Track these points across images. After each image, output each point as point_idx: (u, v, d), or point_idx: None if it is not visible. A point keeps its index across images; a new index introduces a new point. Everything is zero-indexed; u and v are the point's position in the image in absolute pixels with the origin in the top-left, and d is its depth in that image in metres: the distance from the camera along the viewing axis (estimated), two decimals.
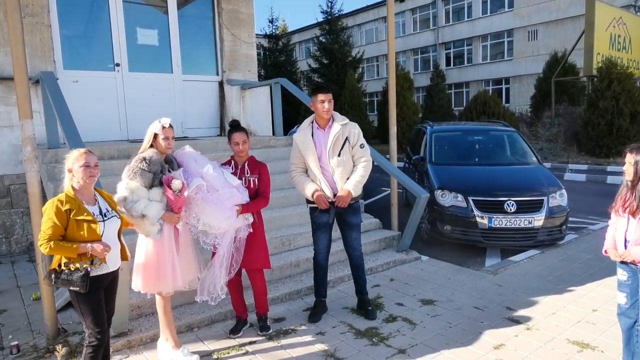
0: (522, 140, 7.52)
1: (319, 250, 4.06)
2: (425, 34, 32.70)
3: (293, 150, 4.00)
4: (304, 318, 4.07)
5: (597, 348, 3.46)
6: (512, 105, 25.16)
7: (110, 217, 2.81)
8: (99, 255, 2.64)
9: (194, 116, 7.72)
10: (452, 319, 4.00)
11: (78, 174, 2.70)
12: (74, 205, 2.63)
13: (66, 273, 2.60)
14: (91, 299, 2.70)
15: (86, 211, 2.67)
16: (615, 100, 13.91)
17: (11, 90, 5.80)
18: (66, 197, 2.66)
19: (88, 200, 2.75)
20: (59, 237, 2.59)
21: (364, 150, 3.94)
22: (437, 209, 6.08)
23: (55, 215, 2.58)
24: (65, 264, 2.61)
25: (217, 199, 3.32)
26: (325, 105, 3.84)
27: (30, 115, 3.64)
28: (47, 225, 2.58)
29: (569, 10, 24.79)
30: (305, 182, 3.91)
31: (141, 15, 7.19)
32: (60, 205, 2.61)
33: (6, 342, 3.69)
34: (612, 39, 16.42)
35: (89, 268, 2.62)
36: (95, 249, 2.62)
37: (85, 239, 2.63)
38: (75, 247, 2.59)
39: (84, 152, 2.77)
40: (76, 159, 2.73)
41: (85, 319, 2.73)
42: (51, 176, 5.08)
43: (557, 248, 5.99)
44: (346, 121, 3.95)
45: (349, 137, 3.88)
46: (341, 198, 3.81)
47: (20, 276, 5.33)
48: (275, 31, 27.71)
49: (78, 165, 2.70)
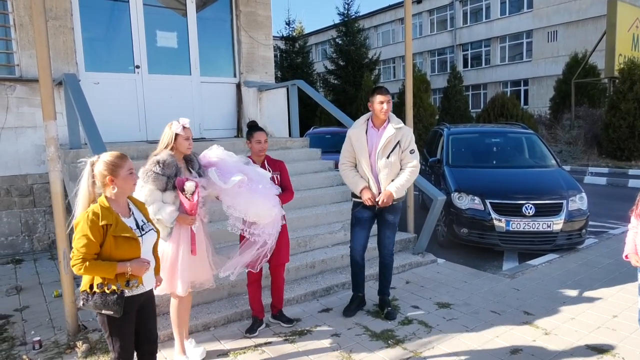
0: (541, 142, 7.42)
1: (355, 248, 4.15)
2: (442, 35, 32.48)
3: (345, 145, 4.09)
4: (320, 319, 4.08)
5: (617, 355, 3.40)
6: (531, 107, 24.80)
7: (147, 230, 2.53)
8: (140, 275, 2.37)
9: (211, 118, 7.80)
10: (469, 322, 3.97)
11: (125, 182, 2.39)
12: (112, 220, 2.31)
13: (100, 295, 2.29)
14: (122, 322, 2.40)
15: (126, 226, 2.36)
16: (637, 102, 13.65)
17: (35, 92, 5.96)
18: (102, 210, 2.30)
19: (123, 212, 2.44)
20: (93, 256, 2.28)
21: (414, 156, 3.99)
22: (453, 211, 6.04)
23: (91, 231, 2.25)
24: (99, 285, 2.30)
25: (263, 189, 3.43)
26: (384, 107, 3.90)
27: (54, 116, 3.72)
28: (81, 242, 2.25)
29: (590, 11, 24.37)
30: (354, 177, 4.02)
31: (161, 18, 7.29)
32: (96, 219, 2.27)
33: (29, 338, 3.78)
34: (635, 39, 16.11)
35: (125, 290, 2.33)
36: (135, 268, 2.33)
37: (124, 257, 2.34)
38: (114, 267, 2.28)
39: (121, 155, 2.43)
40: (117, 165, 2.38)
41: (113, 344, 2.44)
42: (73, 176, 5.19)
43: (576, 252, 5.89)
44: (401, 125, 4.00)
45: (401, 140, 3.95)
46: (383, 198, 3.88)
47: (42, 273, 5.45)
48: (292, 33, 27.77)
49: (124, 172, 2.38)
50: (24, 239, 6.31)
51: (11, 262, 5.87)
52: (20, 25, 6.10)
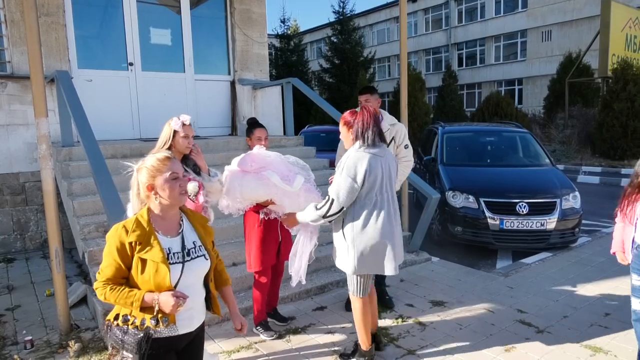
0: (535, 141, 7.45)
1: None
2: (437, 34, 32.55)
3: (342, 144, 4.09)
4: (314, 317, 4.08)
5: (610, 352, 3.41)
6: (525, 106, 24.91)
7: (195, 256, 1.99)
8: (168, 312, 1.84)
9: (205, 115, 7.77)
10: (463, 320, 3.98)
11: (165, 190, 1.92)
12: (142, 237, 1.87)
13: (119, 329, 1.89)
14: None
15: (156, 248, 1.88)
16: (630, 101, 13.73)
17: (27, 89, 5.90)
18: (135, 224, 1.89)
19: (168, 229, 1.97)
20: (120, 280, 1.89)
21: (408, 151, 4.18)
22: (448, 210, 6.05)
23: (117, 251, 1.85)
24: (124, 317, 1.89)
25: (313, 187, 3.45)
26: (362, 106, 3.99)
27: (46, 113, 3.68)
28: (106, 262, 1.88)
29: (584, 11, 24.49)
30: None
31: (154, 15, 7.24)
32: (124, 235, 1.86)
33: (20, 337, 3.74)
34: (628, 39, 16.20)
35: (152, 330, 1.86)
36: (162, 302, 1.83)
37: (152, 287, 1.86)
38: (138, 298, 1.83)
39: (163, 158, 1.96)
40: (157, 170, 1.93)
41: None
42: (65, 174, 5.16)
43: (569, 251, 5.92)
44: (395, 122, 4.19)
45: (396, 136, 4.11)
46: None
47: (34, 272, 5.40)
48: (286, 31, 27.73)
49: (163, 178, 1.92)
50: (15, 237, 6.25)
51: (3, 261, 5.82)
52: (11, 21, 6.03)
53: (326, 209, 2.97)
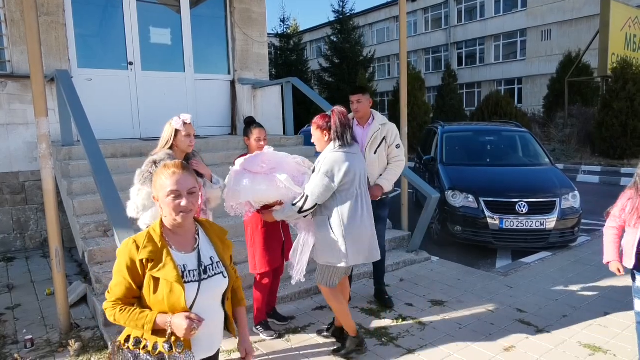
0: (535, 141, 7.46)
1: None
2: (437, 34, 32.54)
3: None
4: (314, 317, 4.08)
5: (609, 352, 3.42)
6: (525, 105, 24.92)
7: (213, 274, 1.82)
8: (182, 337, 1.69)
9: (205, 115, 7.77)
10: (462, 320, 3.99)
11: (165, 207, 1.76)
12: (155, 254, 1.72)
13: (130, 353, 1.75)
14: None
15: (170, 265, 1.71)
16: (630, 101, 13.74)
17: (27, 89, 5.90)
18: (147, 239, 1.74)
19: (183, 244, 1.82)
20: (131, 300, 1.73)
21: (399, 151, 4.20)
22: (447, 209, 6.06)
23: (128, 269, 1.70)
24: (135, 341, 1.75)
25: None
26: (354, 106, 4.13)
27: (46, 113, 3.69)
28: (116, 280, 1.73)
29: (584, 10, 24.50)
30: None
31: (154, 15, 7.24)
32: (135, 251, 1.71)
33: (20, 336, 3.75)
34: (628, 39, 16.20)
35: (165, 355, 1.70)
36: (175, 325, 1.67)
37: (165, 308, 1.70)
38: (150, 320, 1.68)
39: (172, 171, 1.77)
40: (161, 186, 1.76)
41: None
42: (65, 173, 5.16)
43: (569, 250, 5.93)
44: (386, 122, 4.19)
45: (387, 136, 4.13)
46: (372, 192, 3.93)
47: (34, 271, 5.41)
48: (286, 30, 27.73)
49: (163, 194, 1.75)
50: (15, 236, 6.26)
51: (3, 260, 5.82)
52: (11, 21, 6.03)
53: (301, 204, 3.12)
